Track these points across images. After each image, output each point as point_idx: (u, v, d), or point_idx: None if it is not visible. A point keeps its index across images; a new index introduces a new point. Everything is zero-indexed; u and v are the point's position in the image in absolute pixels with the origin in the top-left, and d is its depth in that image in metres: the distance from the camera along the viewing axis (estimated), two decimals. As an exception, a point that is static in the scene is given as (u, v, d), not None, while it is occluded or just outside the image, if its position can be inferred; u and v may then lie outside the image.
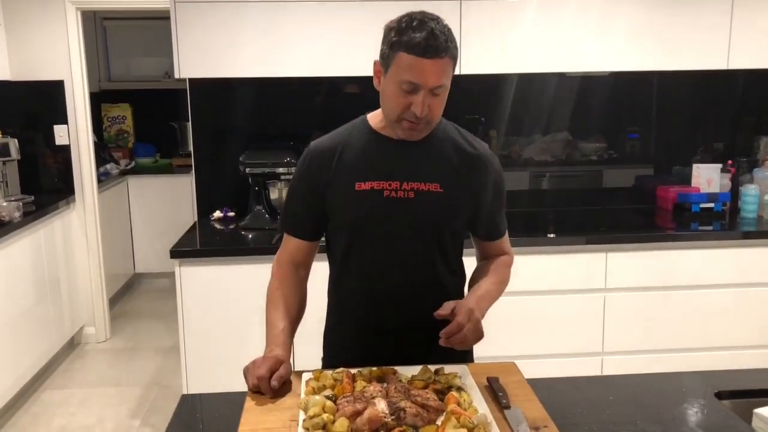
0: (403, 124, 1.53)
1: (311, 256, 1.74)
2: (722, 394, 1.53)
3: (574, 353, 3.06)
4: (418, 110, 1.48)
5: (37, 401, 3.67)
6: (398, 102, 1.50)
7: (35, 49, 4.08)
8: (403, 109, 1.50)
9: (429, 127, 1.58)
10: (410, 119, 1.51)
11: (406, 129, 1.54)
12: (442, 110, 1.56)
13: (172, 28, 2.99)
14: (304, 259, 1.72)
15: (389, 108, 1.54)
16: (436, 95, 1.49)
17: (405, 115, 1.51)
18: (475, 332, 1.48)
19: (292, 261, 1.70)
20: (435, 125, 1.61)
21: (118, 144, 5.92)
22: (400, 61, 1.46)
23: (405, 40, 1.44)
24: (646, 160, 3.68)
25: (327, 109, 3.45)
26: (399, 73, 1.46)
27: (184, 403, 1.57)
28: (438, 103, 1.52)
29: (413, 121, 1.51)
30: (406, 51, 1.44)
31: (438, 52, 1.44)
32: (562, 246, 3.01)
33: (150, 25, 5.58)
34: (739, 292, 3.09)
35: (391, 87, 1.50)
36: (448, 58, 1.46)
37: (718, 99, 3.64)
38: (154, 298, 5.43)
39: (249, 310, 2.92)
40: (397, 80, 1.47)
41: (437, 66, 1.45)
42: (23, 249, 3.64)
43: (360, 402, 1.31)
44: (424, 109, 1.48)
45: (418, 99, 1.47)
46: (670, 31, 3.13)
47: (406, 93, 1.48)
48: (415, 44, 1.43)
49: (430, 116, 1.52)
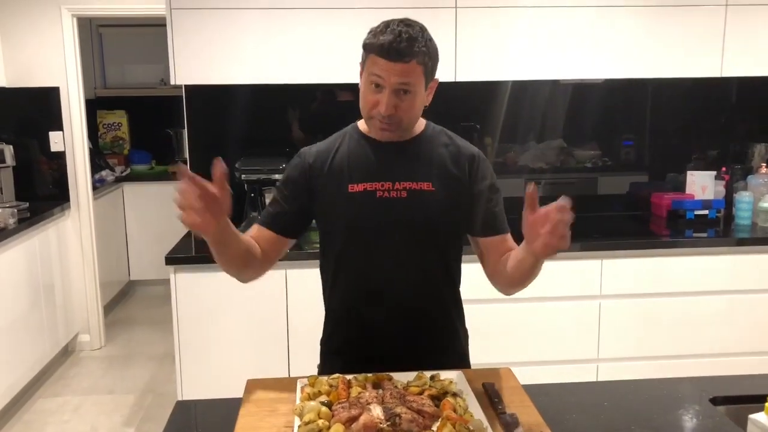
0: (374, 122, 1.59)
1: (275, 251, 1.66)
2: (717, 400, 1.53)
3: (570, 360, 3.06)
4: (383, 108, 1.54)
5: (30, 409, 3.65)
6: (367, 100, 1.57)
7: (31, 56, 4.08)
8: (371, 107, 1.57)
9: (401, 129, 1.60)
10: (378, 117, 1.56)
11: (377, 128, 1.59)
12: (415, 114, 1.60)
13: (168, 35, 2.99)
14: (266, 247, 1.64)
15: (362, 106, 1.60)
16: (404, 95, 1.54)
17: (373, 113, 1.57)
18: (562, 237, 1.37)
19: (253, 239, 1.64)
20: (413, 127, 1.65)
21: (113, 151, 5.91)
22: (370, 61, 1.54)
23: (372, 43, 1.53)
24: (641, 167, 3.70)
25: (322, 116, 3.45)
26: (368, 71, 1.55)
27: (179, 410, 1.56)
28: (407, 105, 1.55)
29: (381, 120, 1.56)
30: (374, 52, 1.53)
31: (401, 56, 1.50)
32: (557, 253, 3.01)
33: (145, 32, 5.58)
34: (733, 299, 3.09)
35: (363, 86, 1.58)
36: (414, 62, 1.52)
37: (712, 106, 3.66)
38: (149, 306, 5.41)
39: (244, 318, 2.92)
40: (367, 78, 1.56)
41: (401, 68, 1.51)
42: (18, 256, 3.63)
43: (355, 408, 1.31)
44: (388, 108, 1.53)
45: (383, 98, 1.54)
46: (664, 38, 3.15)
47: (374, 91, 1.55)
48: (378, 46, 1.51)
49: (399, 116, 1.56)
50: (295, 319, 2.91)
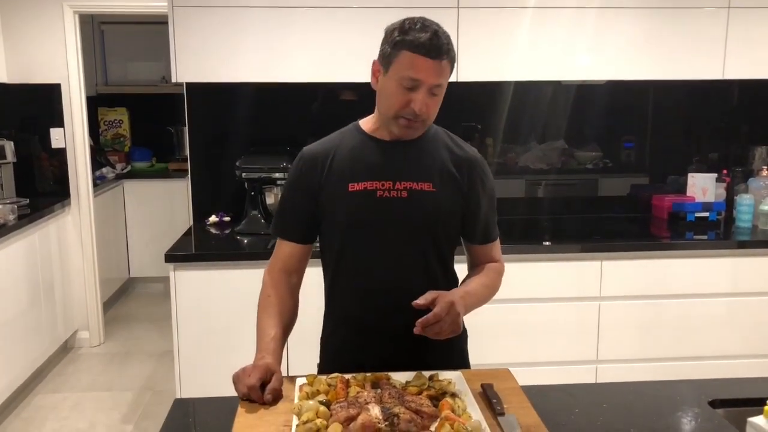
0: (400, 121, 1.57)
1: (303, 262, 1.73)
2: (716, 403, 1.53)
3: (569, 361, 3.06)
4: (417, 107, 1.52)
5: (29, 405, 3.65)
6: (398, 99, 1.54)
7: (32, 52, 4.08)
8: (401, 107, 1.54)
9: (424, 127, 1.62)
10: (408, 116, 1.55)
11: (402, 126, 1.57)
12: (437, 111, 1.60)
13: (170, 33, 2.99)
14: (296, 265, 1.71)
15: (387, 105, 1.57)
16: (434, 95, 1.54)
17: (403, 112, 1.55)
18: (452, 325, 1.47)
19: (283, 268, 1.70)
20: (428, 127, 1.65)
21: (114, 148, 5.91)
22: (402, 59, 1.51)
23: (409, 40, 1.50)
24: (642, 169, 3.70)
25: (323, 115, 3.45)
26: (400, 71, 1.51)
27: (177, 408, 1.56)
28: (435, 103, 1.56)
29: (410, 119, 1.55)
30: (409, 50, 1.50)
31: (440, 54, 1.50)
32: (557, 254, 3.01)
33: (147, 30, 5.58)
34: (733, 302, 3.09)
35: (391, 85, 1.54)
36: (447, 61, 1.52)
37: (714, 109, 3.66)
38: (148, 303, 5.41)
39: (244, 316, 2.90)
40: (397, 77, 1.52)
41: (438, 66, 1.50)
42: (18, 252, 3.63)
43: (353, 407, 1.30)
44: (422, 106, 1.53)
45: (418, 96, 1.52)
46: (666, 40, 3.15)
47: (406, 90, 1.52)
48: (419, 44, 1.49)
49: (427, 115, 1.56)
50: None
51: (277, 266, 1.71)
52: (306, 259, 1.73)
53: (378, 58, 1.58)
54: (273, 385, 1.44)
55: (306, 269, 1.75)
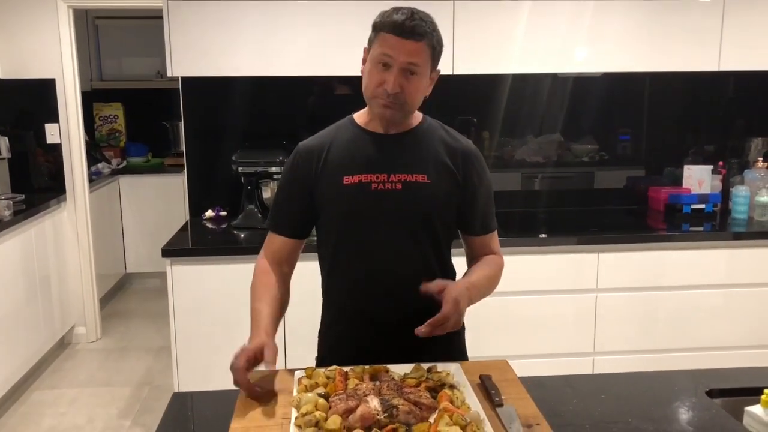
0: (377, 101, 1.58)
1: (295, 255, 1.74)
2: (713, 393, 1.54)
3: (566, 353, 3.07)
4: (389, 86, 1.54)
5: (26, 401, 3.64)
6: (372, 78, 1.57)
7: (27, 48, 4.06)
8: (376, 85, 1.56)
9: (403, 111, 1.61)
10: (383, 96, 1.56)
11: (380, 106, 1.58)
12: (418, 98, 1.61)
13: (165, 27, 2.98)
14: (287, 257, 1.72)
15: (366, 84, 1.60)
16: (410, 76, 1.55)
17: (377, 92, 1.57)
18: (456, 323, 1.49)
19: (274, 259, 1.72)
20: (413, 114, 1.66)
21: (109, 143, 5.90)
22: (379, 40, 1.55)
23: (385, 21, 1.54)
24: (638, 161, 3.70)
25: (319, 109, 3.45)
26: (377, 50, 1.55)
27: (176, 401, 1.56)
28: (412, 86, 1.57)
29: (385, 99, 1.56)
30: (384, 30, 1.54)
31: (413, 34, 1.52)
32: (554, 246, 3.02)
33: (142, 25, 5.56)
34: (729, 293, 3.10)
35: (369, 65, 1.58)
36: (424, 43, 1.54)
37: (710, 100, 3.66)
38: (145, 298, 5.41)
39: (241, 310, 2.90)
40: (374, 57, 1.56)
41: (412, 46, 1.53)
42: (13, 248, 3.62)
43: (352, 399, 1.31)
44: (395, 85, 1.54)
45: (390, 76, 1.54)
46: (661, 32, 3.15)
47: (381, 69, 1.55)
48: (392, 23, 1.53)
49: (403, 98, 1.56)
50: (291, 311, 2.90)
51: (269, 257, 1.72)
52: (298, 252, 1.74)
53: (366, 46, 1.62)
54: (267, 358, 1.44)
55: (301, 262, 1.75)
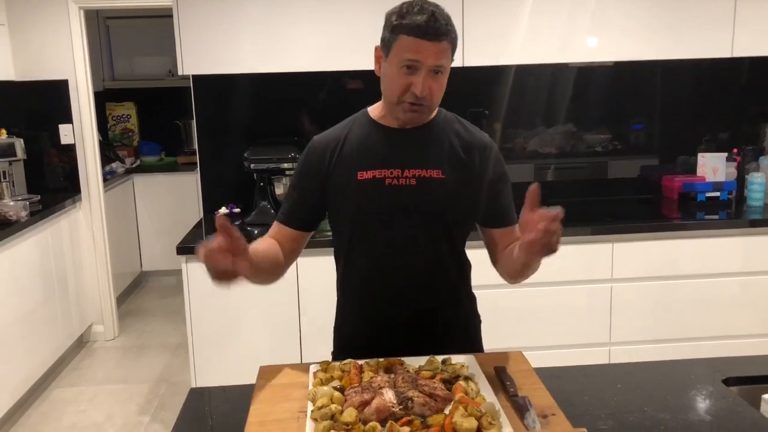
0: (404, 106, 1.55)
1: (297, 245, 1.70)
2: (730, 381, 1.53)
3: (582, 344, 3.06)
4: (418, 90, 1.50)
5: (47, 399, 3.69)
6: (398, 83, 1.52)
7: (39, 49, 4.09)
8: (403, 91, 1.53)
9: (429, 111, 1.59)
10: (410, 100, 1.53)
11: (407, 111, 1.55)
12: (442, 95, 1.58)
13: (175, 25, 2.99)
14: (288, 245, 1.68)
15: (390, 90, 1.56)
16: (435, 76, 1.52)
17: (405, 96, 1.53)
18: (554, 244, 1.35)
19: (274, 239, 1.68)
20: (434, 112, 1.63)
21: (123, 143, 5.93)
22: (401, 44, 1.50)
23: (406, 23, 1.48)
24: (651, 150, 3.67)
25: (330, 104, 3.45)
26: (400, 55, 1.50)
27: (193, 397, 1.57)
28: (437, 86, 1.54)
29: (413, 102, 1.53)
30: (407, 33, 1.48)
31: (438, 35, 1.48)
32: (568, 237, 2.99)
33: (153, 24, 5.58)
34: (745, 281, 3.08)
35: (391, 69, 1.53)
36: (447, 42, 1.50)
37: (723, 87, 3.63)
38: (161, 296, 5.45)
39: (256, 306, 2.93)
40: (397, 61, 1.51)
41: (437, 48, 1.49)
42: (30, 248, 3.66)
43: (368, 392, 1.31)
44: (424, 89, 1.51)
45: (418, 79, 1.50)
46: (674, 19, 3.12)
47: (406, 74, 1.51)
48: (415, 26, 1.47)
49: (430, 99, 1.54)
50: (306, 306, 2.93)
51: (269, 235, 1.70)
52: (299, 243, 1.71)
53: (379, 44, 1.57)
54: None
55: (317, 257, 1.75)
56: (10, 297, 3.41)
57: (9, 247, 3.41)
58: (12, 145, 3.91)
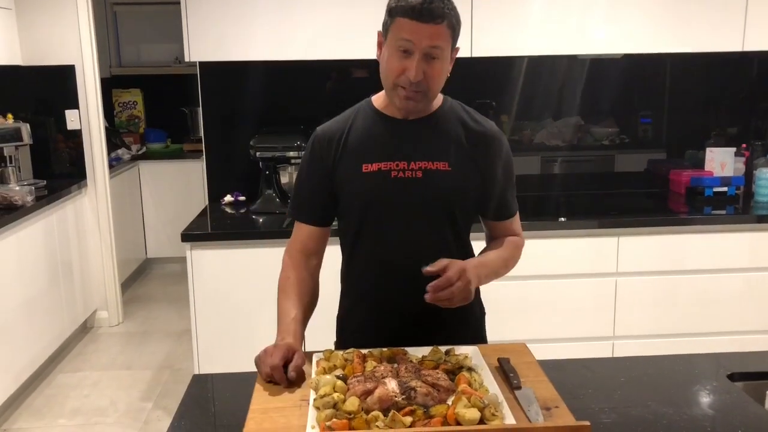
0: (399, 91, 1.52)
1: (322, 244, 1.72)
2: (735, 376, 1.52)
3: (585, 337, 3.06)
4: (412, 74, 1.48)
5: (51, 384, 3.71)
6: (394, 67, 1.50)
7: (46, 34, 4.08)
8: (398, 74, 1.50)
9: (426, 99, 1.56)
10: (404, 85, 1.50)
11: (402, 98, 1.53)
12: (441, 82, 1.55)
13: (182, 12, 2.98)
14: (315, 247, 1.70)
15: (386, 74, 1.54)
16: (432, 60, 1.49)
17: (400, 80, 1.51)
18: (463, 291, 1.45)
19: (302, 250, 1.69)
20: (437, 100, 1.62)
21: (129, 129, 5.94)
22: (396, 25, 1.48)
23: (402, 5, 1.47)
24: (659, 144, 3.65)
25: (337, 93, 3.44)
26: (395, 37, 1.48)
27: (196, 383, 1.58)
28: (435, 71, 1.51)
29: (407, 88, 1.50)
30: (402, 15, 1.47)
31: (433, 17, 1.45)
32: (574, 230, 3.00)
33: (160, 11, 5.58)
34: (752, 277, 3.06)
35: (388, 52, 1.51)
36: (444, 25, 1.47)
37: (733, 82, 3.60)
38: (166, 283, 5.46)
39: (260, 294, 2.92)
40: (393, 44, 1.49)
41: (432, 30, 1.46)
42: (36, 233, 3.66)
43: (371, 381, 1.31)
44: (418, 73, 1.48)
45: (412, 63, 1.48)
46: (684, 12, 3.09)
47: (401, 57, 1.49)
48: (410, 7, 1.45)
49: (426, 84, 1.51)
50: (310, 295, 2.92)
51: (296, 248, 1.70)
52: (324, 241, 1.71)
53: (381, 29, 1.56)
54: (296, 363, 1.43)
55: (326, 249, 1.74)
56: (15, 282, 3.42)
57: (14, 232, 3.41)
58: (18, 129, 3.91)
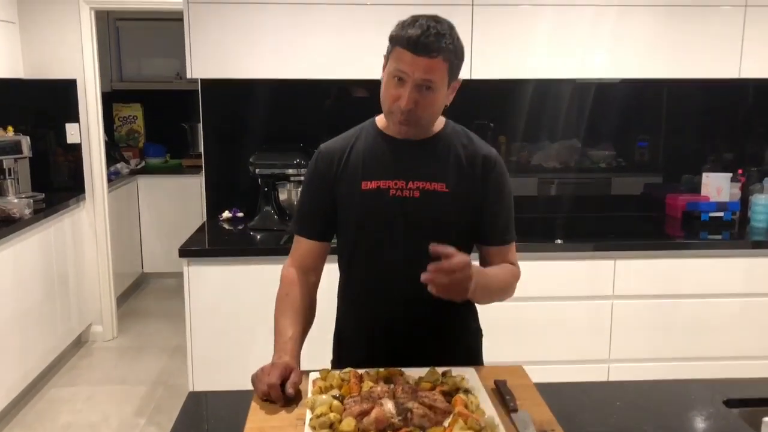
0: (393, 117, 1.56)
1: (321, 261, 1.72)
2: (731, 402, 1.52)
3: (581, 360, 3.05)
4: (403, 102, 1.51)
5: (43, 398, 3.68)
6: (388, 94, 1.55)
7: (49, 48, 4.11)
8: (392, 101, 1.54)
9: (418, 126, 1.58)
10: (397, 112, 1.54)
11: (396, 123, 1.57)
12: (435, 112, 1.58)
13: (185, 29, 3.01)
14: (313, 263, 1.71)
15: (383, 99, 1.58)
16: (426, 91, 1.51)
17: (393, 107, 1.55)
18: (461, 283, 1.40)
19: (301, 266, 1.70)
20: (434, 126, 1.63)
21: (128, 144, 5.95)
22: (394, 55, 1.52)
23: (399, 35, 1.50)
24: (655, 168, 3.67)
25: (336, 111, 3.46)
26: (392, 65, 1.52)
27: (191, 400, 1.57)
28: (428, 102, 1.53)
29: (399, 115, 1.54)
30: (400, 45, 1.50)
31: (428, 51, 1.48)
32: (570, 252, 3.00)
33: (162, 26, 5.61)
34: (747, 302, 3.07)
35: (386, 79, 1.55)
36: (440, 58, 1.49)
37: (729, 108, 3.63)
38: (162, 298, 5.45)
39: (257, 311, 2.92)
40: (390, 72, 1.53)
41: (427, 63, 1.48)
42: (33, 246, 3.66)
43: (367, 402, 1.31)
44: (409, 102, 1.51)
45: (404, 92, 1.51)
46: (681, 39, 3.13)
47: (396, 85, 1.52)
48: (407, 39, 1.48)
49: (418, 114, 1.54)
50: (306, 313, 2.92)
51: (295, 264, 1.71)
52: (323, 258, 1.72)
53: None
54: (293, 380, 1.44)
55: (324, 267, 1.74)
56: (11, 294, 3.41)
57: (12, 245, 3.41)
58: (18, 142, 3.92)
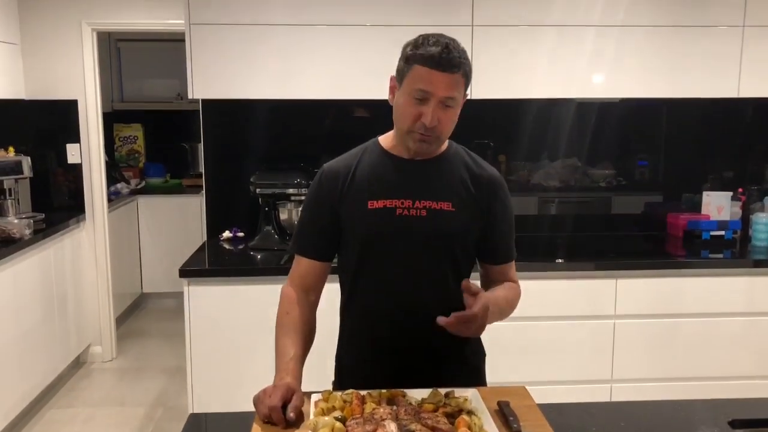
0: (414, 136, 1.56)
1: (321, 280, 1.72)
2: (735, 423, 1.51)
3: (583, 380, 3.03)
4: (428, 120, 1.52)
5: (41, 420, 3.65)
6: (409, 112, 1.54)
7: (50, 69, 4.13)
8: (413, 120, 1.54)
9: (439, 142, 1.61)
10: (420, 131, 1.54)
11: (416, 141, 1.57)
12: (452, 127, 1.60)
13: (187, 50, 3.02)
14: (314, 283, 1.70)
15: (401, 120, 1.57)
16: (446, 108, 1.54)
17: (415, 126, 1.55)
18: (479, 329, 1.49)
19: (301, 285, 1.70)
20: (444, 143, 1.65)
21: (129, 164, 5.96)
22: (414, 73, 1.52)
23: (420, 53, 1.51)
24: (656, 187, 3.68)
25: (337, 131, 3.47)
26: (412, 84, 1.52)
27: (192, 422, 1.56)
28: (448, 117, 1.55)
29: (423, 133, 1.54)
30: (421, 63, 1.51)
31: (451, 67, 1.50)
32: (571, 272, 3.00)
33: (163, 47, 5.65)
34: (749, 321, 3.06)
35: (404, 98, 1.55)
36: (460, 74, 1.52)
37: (729, 127, 3.64)
38: (161, 318, 5.42)
39: (257, 331, 2.91)
40: (409, 91, 1.53)
41: (449, 79, 1.51)
42: (32, 266, 3.65)
43: (370, 424, 1.30)
44: (433, 119, 1.52)
45: (428, 109, 1.52)
46: (681, 59, 3.15)
47: (417, 103, 1.53)
48: (429, 56, 1.49)
49: (440, 130, 1.55)
50: (307, 334, 2.90)
51: (295, 283, 1.71)
52: (324, 277, 1.72)
53: (394, 74, 1.59)
54: (295, 403, 1.43)
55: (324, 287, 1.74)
56: (10, 315, 3.40)
57: (11, 266, 3.40)
58: (19, 162, 3.92)
